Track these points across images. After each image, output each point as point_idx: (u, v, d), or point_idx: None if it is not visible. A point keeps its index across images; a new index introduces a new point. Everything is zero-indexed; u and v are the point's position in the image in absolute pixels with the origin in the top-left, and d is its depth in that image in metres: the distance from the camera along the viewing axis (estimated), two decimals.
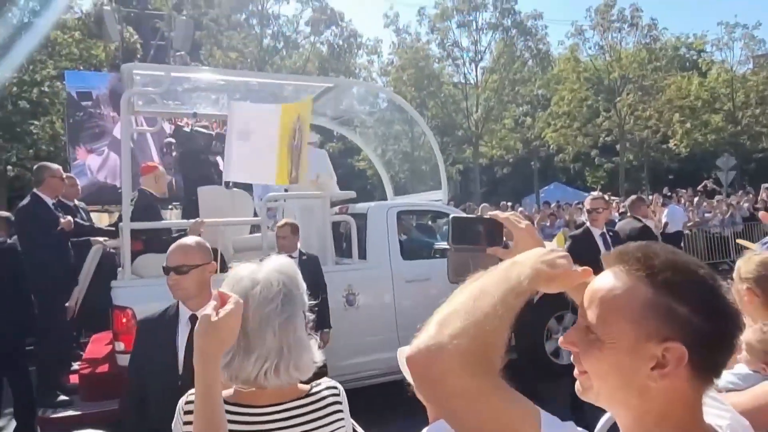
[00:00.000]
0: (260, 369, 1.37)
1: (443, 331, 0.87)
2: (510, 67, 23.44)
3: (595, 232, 5.02)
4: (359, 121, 7.71)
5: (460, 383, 0.82)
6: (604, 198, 5.20)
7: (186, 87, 6.37)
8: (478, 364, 0.84)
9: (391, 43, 23.12)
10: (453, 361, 0.83)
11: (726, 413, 1.02)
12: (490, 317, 0.88)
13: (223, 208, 6.07)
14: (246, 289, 1.41)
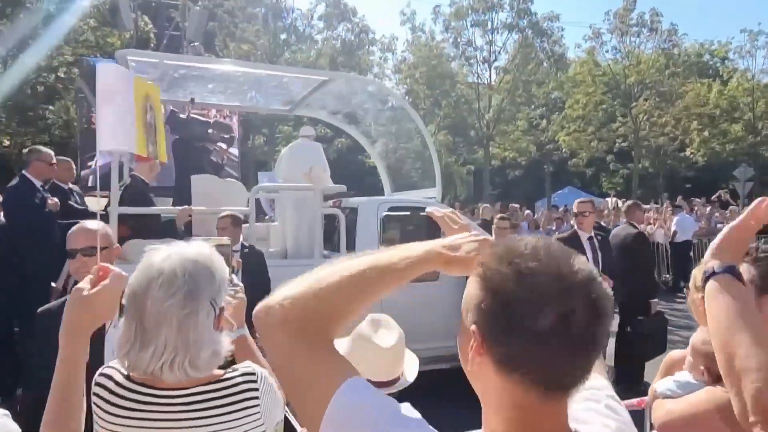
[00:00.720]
0: (156, 363, 1.34)
1: (283, 293, 0.93)
2: (524, 68, 23.22)
3: (583, 236, 4.96)
4: (358, 116, 7.69)
5: (278, 340, 0.89)
6: (592, 202, 5.15)
7: (181, 73, 6.40)
8: (302, 327, 0.88)
9: (406, 40, 23.07)
10: (276, 319, 0.90)
11: (613, 422, 0.97)
12: (334, 289, 0.92)
13: (216, 197, 6.09)
14: (150, 278, 1.37)
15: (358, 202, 6.28)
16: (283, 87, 6.98)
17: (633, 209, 6.41)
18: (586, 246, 4.89)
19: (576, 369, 0.79)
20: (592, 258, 4.85)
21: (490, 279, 0.80)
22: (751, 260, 1.66)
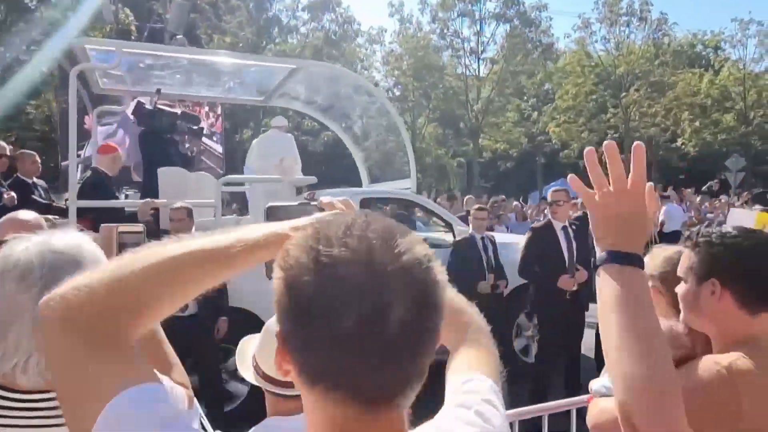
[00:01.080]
0: (8, 365, 1.19)
1: (78, 280, 0.75)
2: (513, 59, 23.03)
3: (557, 225, 4.82)
4: (334, 107, 7.52)
5: (54, 335, 0.73)
6: (566, 190, 4.98)
7: (148, 63, 6.23)
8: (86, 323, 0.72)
9: (393, 32, 22.84)
10: (56, 312, 0.73)
11: (477, 429, 0.83)
12: (134, 278, 0.75)
13: (184, 190, 5.93)
14: (4, 269, 1.21)
15: (330, 194, 6.14)
16: (257, 77, 6.82)
17: None
18: (560, 235, 4.75)
19: (395, 377, 0.64)
20: (566, 247, 4.71)
21: (288, 270, 0.64)
22: (692, 245, 1.51)
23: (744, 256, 1.39)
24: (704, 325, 1.51)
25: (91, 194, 5.07)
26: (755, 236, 1.43)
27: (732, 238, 1.42)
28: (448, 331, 1.17)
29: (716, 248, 1.42)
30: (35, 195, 5.79)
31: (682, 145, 28.52)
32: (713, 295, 1.41)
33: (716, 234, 1.45)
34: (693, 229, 1.70)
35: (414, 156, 20.81)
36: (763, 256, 1.39)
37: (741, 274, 1.39)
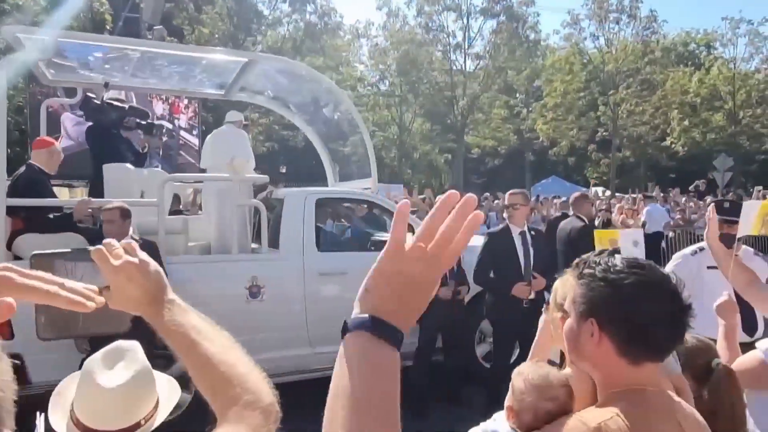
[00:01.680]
0: None
1: None
2: (499, 54, 22.75)
3: (514, 230, 4.58)
4: (298, 102, 7.25)
5: None
6: (524, 194, 4.76)
7: (97, 56, 5.94)
8: None
9: (378, 25, 22.52)
10: None
11: None
12: None
13: (130, 187, 5.66)
14: None
15: (285, 193, 5.88)
16: (216, 71, 6.53)
17: (580, 201, 6.07)
18: (516, 241, 4.52)
19: None
20: (522, 253, 4.48)
21: None
22: (576, 275, 1.27)
23: (625, 298, 1.15)
24: (587, 368, 1.27)
25: (25, 192, 4.78)
26: (643, 274, 1.18)
27: (616, 273, 1.19)
28: (213, 401, 0.97)
29: (597, 284, 1.20)
30: None
31: (671, 144, 28.39)
32: (592, 338, 1.18)
33: (601, 267, 1.22)
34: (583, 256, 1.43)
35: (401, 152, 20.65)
36: (646, 299, 1.15)
37: (620, 318, 1.16)
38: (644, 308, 1.14)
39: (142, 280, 0.99)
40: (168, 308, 1.02)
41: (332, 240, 6.36)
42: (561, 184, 26.46)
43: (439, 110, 22.96)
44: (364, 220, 7.71)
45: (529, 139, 28.39)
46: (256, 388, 1.00)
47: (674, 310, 1.15)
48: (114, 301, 0.98)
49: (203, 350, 1.00)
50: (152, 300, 1.02)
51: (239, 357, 1.04)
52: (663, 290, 1.16)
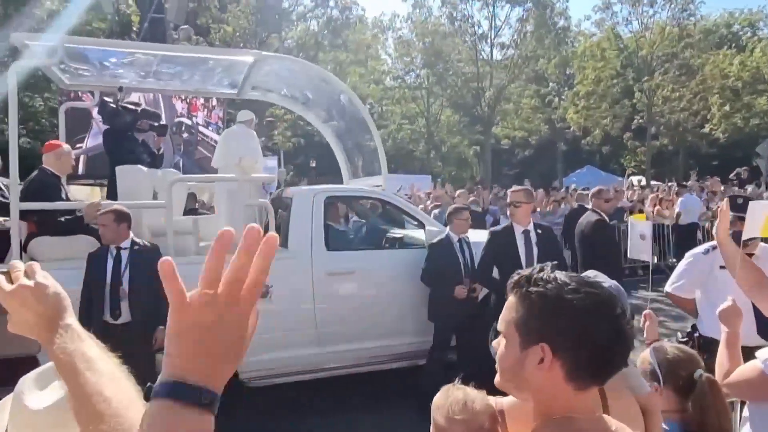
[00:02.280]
0: None
1: None
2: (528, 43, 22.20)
3: (517, 229, 4.45)
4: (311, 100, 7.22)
5: None
6: (527, 190, 4.60)
7: (112, 61, 6.04)
8: None
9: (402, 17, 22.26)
10: None
11: None
12: None
13: (143, 188, 5.75)
14: None
15: (294, 192, 5.87)
16: (227, 70, 6.56)
17: (596, 195, 5.87)
18: (519, 240, 4.38)
19: None
20: (524, 253, 4.34)
21: None
22: (520, 295, 1.16)
23: (581, 316, 1.06)
24: (524, 396, 1.18)
25: (37, 195, 4.89)
26: (597, 293, 1.08)
27: (571, 291, 1.08)
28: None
29: (551, 303, 1.08)
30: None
31: (711, 130, 27.27)
32: (540, 364, 1.08)
33: (552, 285, 1.10)
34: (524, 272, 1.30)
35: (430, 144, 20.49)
36: (603, 319, 1.06)
37: (577, 342, 1.05)
38: (602, 329, 1.05)
39: (36, 305, 0.97)
40: (60, 334, 0.99)
41: (342, 239, 6.33)
42: (596, 174, 25.76)
43: (467, 102, 22.62)
44: (381, 216, 7.65)
45: (560, 129, 27.72)
46: (130, 425, 0.95)
47: (625, 330, 1.08)
48: (11, 326, 0.97)
49: (83, 380, 0.96)
50: (47, 325, 0.99)
51: (120, 390, 0.98)
52: (616, 309, 1.07)
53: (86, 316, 4.30)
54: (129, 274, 4.35)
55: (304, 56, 17.86)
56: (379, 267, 5.73)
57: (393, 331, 5.67)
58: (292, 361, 5.34)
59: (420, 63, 22.49)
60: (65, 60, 5.42)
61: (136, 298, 4.32)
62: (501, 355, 1.17)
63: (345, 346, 5.54)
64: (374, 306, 5.62)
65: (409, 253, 5.83)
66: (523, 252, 4.34)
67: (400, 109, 24.76)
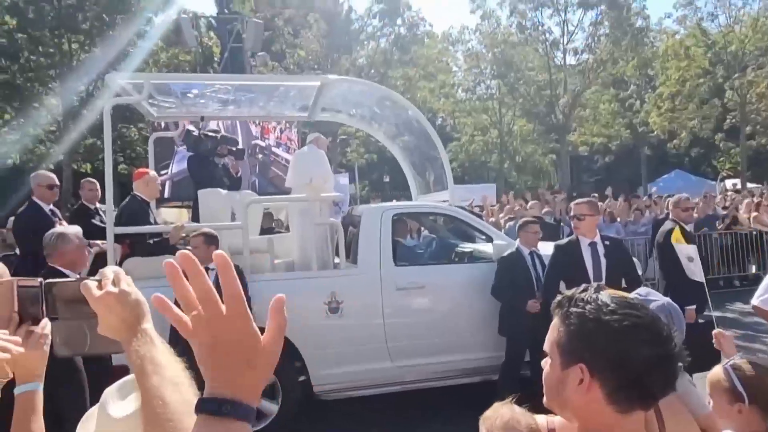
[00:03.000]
0: None
1: None
2: (600, 46, 21.39)
3: (583, 241, 4.33)
4: (376, 118, 7.41)
5: None
6: (591, 202, 4.46)
7: (194, 92, 6.51)
8: None
9: (471, 29, 22.14)
10: None
11: None
12: None
13: (220, 210, 6.12)
14: None
15: (362, 210, 6.04)
16: (297, 94, 6.88)
17: (675, 204, 5.61)
18: (585, 253, 4.26)
19: None
20: (591, 266, 4.21)
21: None
22: (562, 315, 1.19)
23: (620, 341, 1.06)
24: (568, 416, 1.19)
25: (129, 220, 5.36)
26: (638, 315, 1.08)
27: (609, 314, 1.09)
28: None
29: (588, 325, 1.09)
30: (95, 220, 6.25)
31: None
32: (580, 385, 1.09)
33: (592, 306, 1.11)
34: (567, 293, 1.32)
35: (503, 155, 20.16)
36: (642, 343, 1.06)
37: (614, 364, 1.06)
38: (640, 352, 1.05)
39: (120, 310, 1.09)
40: (138, 337, 1.09)
41: (410, 254, 6.41)
42: (686, 178, 24.22)
43: (540, 110, 22.13)
44: (450, 230, 7.68)
45: (643, 133, 26.39)
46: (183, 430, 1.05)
47: (668, 354, 1.07)
48: (100, 328, 1.10)
49: (148, 383, 1.06)
50: (128, 328, 1.10)
51: (181, 396, 1.05)
52: (657, 332, 1.07)
53: (176, 333, 4.60)
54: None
55: (375, 74, 18.29)
56: (448, 281, 5.76)
57: (464, 345, 5.66)
58: (364, 375, 5.45)
59: (490, 74, 22.31)
60: (153, 94, 5.90)
61: None
62: (546, 375, 1.18)
63: (416, 360, 5.58)
64: (444, 320, 5.64)
65: (477, 267, 5.81)
66: (591, 265, 4.23)
67: (471, 121, 24.63)
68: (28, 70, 16.19)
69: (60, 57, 16.22)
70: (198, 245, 4.64)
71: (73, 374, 3.37)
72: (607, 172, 34.55)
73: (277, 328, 0.80)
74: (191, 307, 0.77)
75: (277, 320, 0.80)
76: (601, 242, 4.34)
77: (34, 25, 15.49)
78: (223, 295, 0.78)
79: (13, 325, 1.64)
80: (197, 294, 0.77)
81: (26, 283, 1.72)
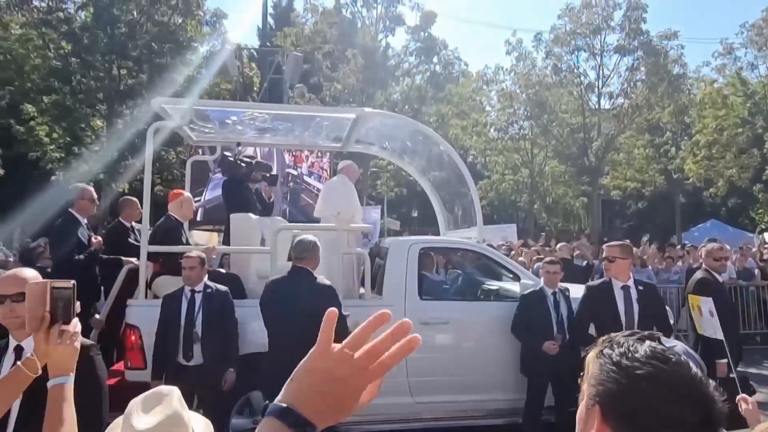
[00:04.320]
0: None
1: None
2: (636, 92, 21.26)
3: (616, 284, 4.26)
4: (407, 152, 7.50)
5: None
6: (624, 245, 4.40)
7: (233, 119, 6.72)
8: None
9: (505, 69, 22.32)
10: None
11: None
12: None
13: (251, 235, 6.22)
14: None
15: (390, 242, 6.07)
16: (332, 125, 7.04)
17: (707, 253, 5.48)
18: (618, 296, 4.19)
19: None
20: (623, 310, 4.13)
21: None
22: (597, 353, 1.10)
23: (634, 391, 0.99)
24: None
25: (163, 239, 5.49)
26: (663, 368, 1.00)
27: (631, 361, 1.02)
28: None
29: (610, 368, 1.04)
30: (131, 238, 6.42)
31: None
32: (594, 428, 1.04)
33: (620, 350, 1.06)
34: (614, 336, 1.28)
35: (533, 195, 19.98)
36: (661, 399, 0.98)
37: (624, 413, 1.00)
38: (655, 409, 0.96)
39: None
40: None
41: (435, 288, 6.38)
42: (722, 229, 23.53)
43: (572, 152, 22.04)
44: (477, 267, 7.63)
45: (678, 180, 25.94)
46: None
47: (696, 420, 0.95)
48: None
49: None
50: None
51: None
52: (685, 393, 0.97)
53: (162, 355, 4.63)
54: (202, 317, 4.68)
55: (408, 109, 18.57)
56: (473, 318, 5.71)
57: (487, 385, 5.55)
58: (383, 410, 5.38)
59: (523, 114, 22.38)
60: (193, 119, 6.12)
61: (208, 341, 4.60)
62: (578, 413, 1.14)
63: (437, 397, 5.50)
64: (467, 358, 5.56)
65: (503, 305, 5.74)
66: (623, 309, 4.14)
67: (503, 160, 24.63)
68: (78, 93, 16.97)
69: (109, 81, 16.99)
70: (195, 266, 4.77)
71: None
72: (639, 218, 33.91)
73: (371, 396, 0.86)
74: (356, 347, 0.83)
75: (375, 390, 0.85)
76: (635, 286, 4.26)
77: (88, 50, 16.31)
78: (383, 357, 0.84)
79: (45, 325, 1.73)
80: (377, 345, 0.84)
81: (60, 285, 1.81)
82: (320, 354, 0.82)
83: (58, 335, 1.73)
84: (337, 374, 0.81)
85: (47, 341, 1.75)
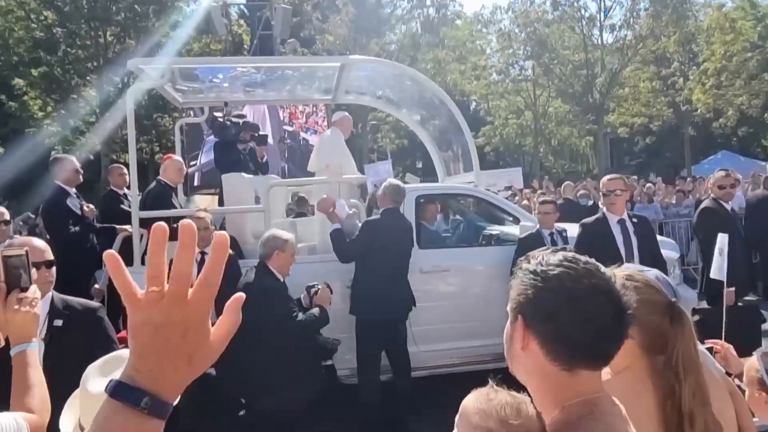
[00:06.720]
0: None
1: None
2: (639, 22, 20.44)
3: (611, 219, 4.14)
4: (401, 100, 7.27)
5: None
6: (623, 179, 4.26)
7: (219, 77, 6.51)
8: None
9: (501, 8, 21.50)
10: None
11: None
12: None
13: (244, 195, 6.12)
14: None
15: None
16: (320, 77, 6.81)
17: (713, 182, 5.33)
18: (615, 230, 4.07)
19: None
20: (622, 242, 4.02)
21: None
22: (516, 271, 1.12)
23: (549, 291, 1.03)
24: (523, 377, 1.12)
25: (153, 204, 5.41)
26: (574, 268, 1.03)
27: (546, 265, 1.05)
28: None
29: (528, 277, 1.07)
30: (124, 205, 6.35)
31: None
32: (521, 340, 1.06)
33: (537, 260, 1.09)
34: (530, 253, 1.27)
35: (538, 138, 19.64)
36: (575, 297, 1.00)
37: (544, 315, 1.03)
38: (571, 305, 1.00)
39: None
40: None
41: (435, 237, 6.29)
42: (734, 159, 23.09)
43: (576, 90, 21.44)
44: (479, 213, 7.52)
45: (687, 112, 25.30)
46: None
47: (608, 315, 1.00)
48: None
49: None
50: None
51: None
52: (596, 289, 1.01)
53: None
54: None
55: (405, 57, 18.07)
56: (473, 264, 5.63)
57: (490, 330, 5.52)
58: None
59: (524, 55, 21.73)
60: (178, 80, 5.91)
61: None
62: (504, 334, 1.14)
63: (440, 345, 5.49)
64: (470, 304, 5.52)
65: (504, 249, 5.65)
66: (621, 242, 4.03)
67: (505, 104, 24.10)
68: (66, 63, 16.66)
69: (96, 49, 16.63)
70: (206, 227, 4.58)
71: None
72: (648, 154, 33.34)
73: (228, 327, 0.71)
74: (159, 280, 0.67)
75: (231, 319, 0.71)
76: (629, 219, 4.14)
77: (71, 18, 15.89)
78: (199, 277, 0.68)
79: (1, 295, 1.69)
80: (175, 267, 0.67)
81: (11, 253, 1.75)
82: (130, 305, 0.67)
83: (16, 302, 1.71)
84: (157, 321, 0.65)
85: (5, 310, 1.72)
